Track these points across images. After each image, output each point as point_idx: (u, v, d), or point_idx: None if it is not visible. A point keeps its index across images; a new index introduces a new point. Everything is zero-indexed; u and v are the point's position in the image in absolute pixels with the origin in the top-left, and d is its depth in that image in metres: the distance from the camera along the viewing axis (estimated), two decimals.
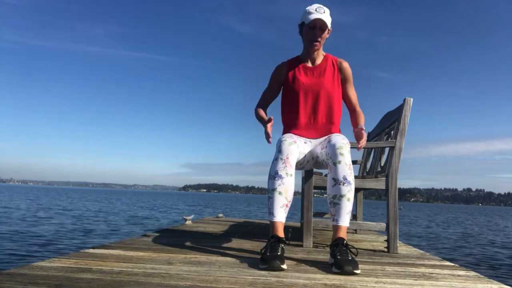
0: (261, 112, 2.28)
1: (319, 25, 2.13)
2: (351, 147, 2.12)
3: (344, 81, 2.30)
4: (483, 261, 7.00)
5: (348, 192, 1.90)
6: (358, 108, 2.31)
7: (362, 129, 2.11)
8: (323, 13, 2.11)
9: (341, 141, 1.96)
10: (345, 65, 2.28)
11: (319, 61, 2.28)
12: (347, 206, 1.90)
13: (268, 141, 2.01)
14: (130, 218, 13.11)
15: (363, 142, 2.02)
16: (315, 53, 2.26)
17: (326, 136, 2.17)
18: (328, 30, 2.19)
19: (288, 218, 2.00)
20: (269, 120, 2.03)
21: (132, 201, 31.01)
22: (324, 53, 2.31)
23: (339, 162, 1.92)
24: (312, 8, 2.14)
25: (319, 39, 2.17)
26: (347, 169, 1.91)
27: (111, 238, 7.27)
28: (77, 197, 37.32)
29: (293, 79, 2.26)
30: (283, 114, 2.33)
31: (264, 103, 2.37)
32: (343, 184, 1.90)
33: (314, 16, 2.10)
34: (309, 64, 2.28)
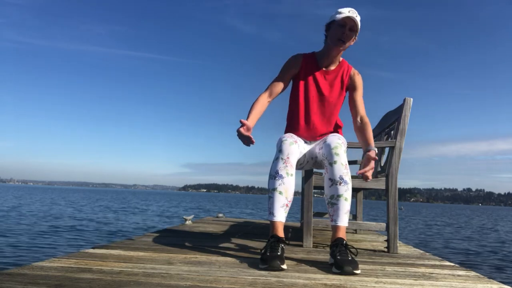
0: (253, 112, 2.08)
1: (350, 25, 2.04)
2: (348, 147, 2.12)
3: (352, 88, 2.21)
4: (483, 261, 7.00)
5: (345, 191, 1.90)
6: (365, 118, 2.17)
7: (371, 156, 1.97)
8: (355, 17, 2.03)
9: (336, 141, 1.95)
10: (358, 76, 2.20)
11: (334, 66, 2.20)
12: (345, 206, 1.90)
13: (250, 142, 1.93)
14: (79, 226, 9.90)
15: (369, 173, 1.93)
16: (335, 56, 2.15)
17: (324, 137, 2.17)
18: (355, 36, 2.09)
19: (288, 218, 1.99)
20: (245, 125, 1.93)
21: (116, 202, 28.82)
22: (341, 59, 2.22)
23: (335, 162, 1.91)
24: (345, 9, 2.04)
25: (346, 39, 2.06)
26: (343, 169, 1.91)
27: None
28: (58, 197, 34.43)
29: (305, 78, 2.19)
30: (288, 112, 2.29)
31: (271, 90, 2.18)
32: (340, 184, 1.90)
33: (346, 14, 2.01)
34: (324, 67, 2.20)
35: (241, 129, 1.91)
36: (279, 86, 2.19)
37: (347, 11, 2.02)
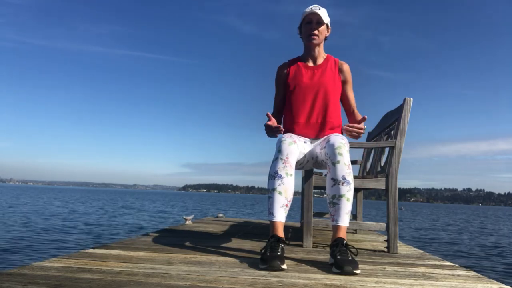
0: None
1: (315, 19, 2.20)
2: (350, 147, 2.11)
3: (344, 83, 2.34)
4: (483, 261, 7.00)
5: (347, 192, 1.90)
6: (356, 110, 2.35)
7: (362, 120, 2.09)
8: (318, 10, 2.19)
9: (340, 141, 1.96)
10: (346, 67, 2.32)
11: (320, 61, 2.31)
12: (346, 206, 1.90)
13: (278, 131, 2.06)
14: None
15: (357, 129, 2.03)
16: (316, 52, 2.29)
17: (325, 136, 2.17)
18: (328, 27, 2.27)
19: (288, 218, 2.00)
20: (271, 118, 2.09)
21: (114, 202, 28.35)
22: (326, 54, 2.35)
23: (338, 162, 1.91)
24: (308, 8, 2.24)
25: (316, 32, 2.22)
26: (346, 169, 1.91)
27: None
28: (56, 197, 33.80)
29: (293, 78, 2.29)
30: (284, 113, 2.33)
31: (276, 108, 2.38)
32: (342, 184, 1.90)
33: (309, 11, 2.20)
34: (310, 64, 2.31)
35: (269, 122, 2.06)
36: (280, 102, 2.37)
37: (309, 9, 2.21)
